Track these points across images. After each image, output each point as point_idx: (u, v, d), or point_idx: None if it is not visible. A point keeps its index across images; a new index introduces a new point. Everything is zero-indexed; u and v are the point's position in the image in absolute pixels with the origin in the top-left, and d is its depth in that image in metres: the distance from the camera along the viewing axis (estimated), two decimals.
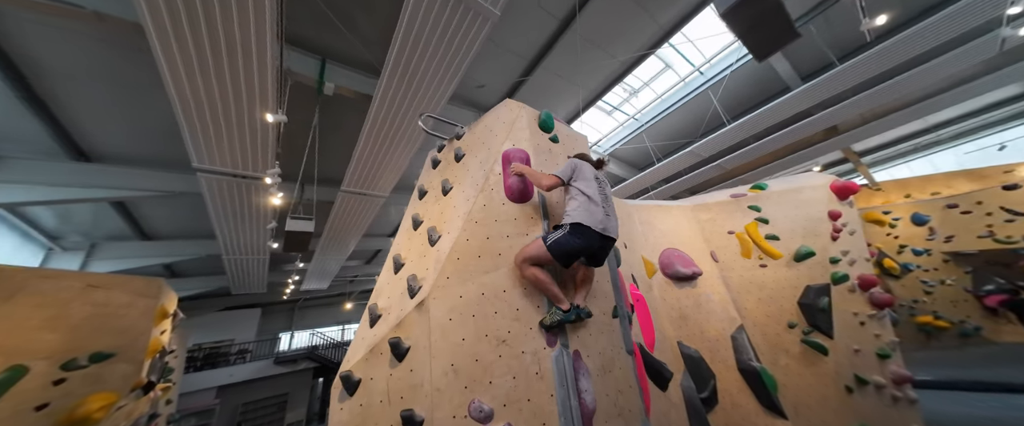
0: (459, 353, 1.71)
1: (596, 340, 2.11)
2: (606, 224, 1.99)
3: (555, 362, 1.82)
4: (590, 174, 2.15)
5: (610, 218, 2.04)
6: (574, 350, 1.94)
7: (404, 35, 3.87)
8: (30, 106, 4.86)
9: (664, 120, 8.58)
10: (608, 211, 2.06)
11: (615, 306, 2.37)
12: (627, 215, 4.49)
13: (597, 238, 1.95)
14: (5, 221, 6.93)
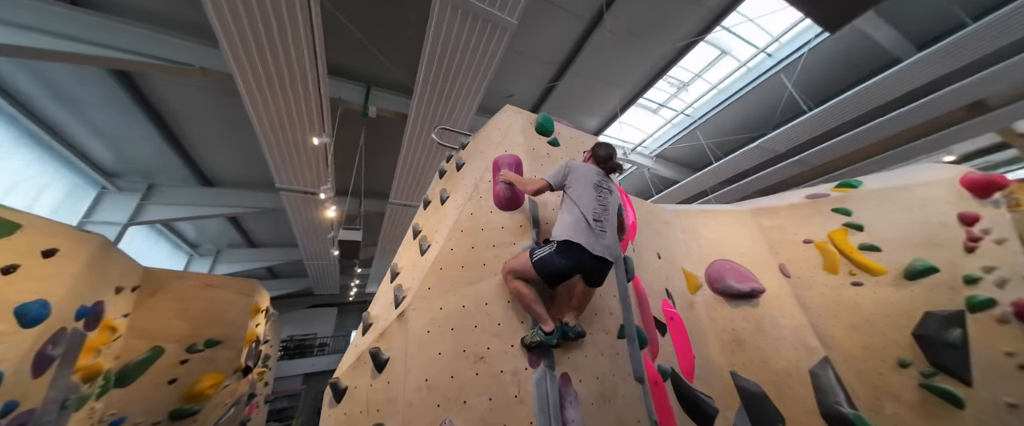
0: (435, 368, 1.64)
1: (594, 363, 1.86)
2: (600, 243, 1.72)
3: (536, 385, 1.64)
4: (590, 180, 1.88)
5: (606, 235, 1.76)
6: (562, 373, 1.73)
7: (430, 53, 4.04)
8: (169, 144, 6.26)
9: (723, 113, 7.58)
10: (605, 226, 1.77)
11: (622, 325, 2.08)
12: (664, 222, 4.02)
13: (588, 259, 1.69)
14: (162, 234, 9.09)
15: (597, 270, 1.75)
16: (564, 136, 2.54)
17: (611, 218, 1.83)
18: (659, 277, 3.40)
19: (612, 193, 1.93)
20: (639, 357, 2.05)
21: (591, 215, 1.76)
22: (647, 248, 3.55)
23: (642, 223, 3.71)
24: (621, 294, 2.19)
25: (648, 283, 3.18)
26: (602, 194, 1.86)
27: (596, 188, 1.87)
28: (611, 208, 1.86)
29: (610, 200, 1.88)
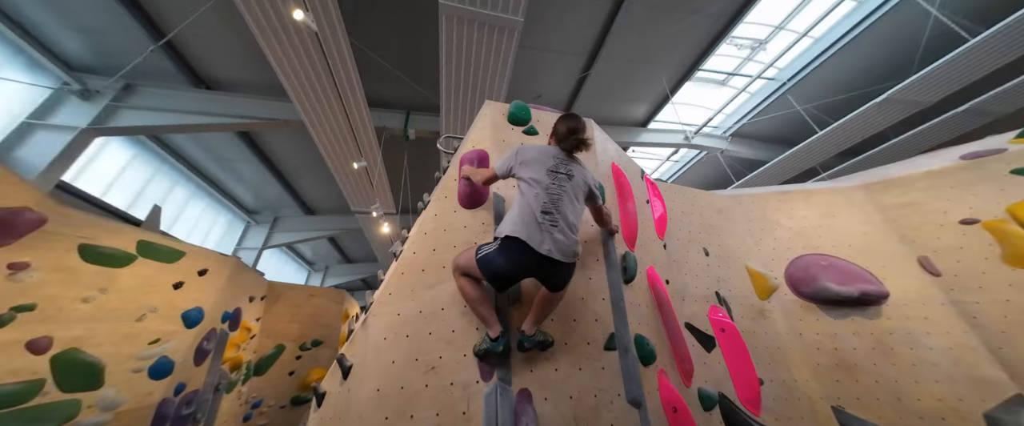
0: (387, 377, 1.55)
1: (568, 379, 1.53)
2: (549, 239, 1.41)
3: (486, 401, 1.41)
4: (542, 164, 1.59)
5: (558, 229, 1.44)
6: (521, 389, 1.46)
7: (447, 68, 4.17)
8: (276, 177, 7.85)
9: (826, 67, 5.93)
10: (558, 219, 1.46)
11: (612, 334, 1.67)
12: (717, 211, 3.28)
13: (533, 260, 1.41)
14: (288, 255, 11.55)
15: (548, 271, 1.46)
16: (545, 123, 2.26)
17: (569, 209, 1.51)
18: (705, 278, 2.75)
19: (573, 178, 1.60)
20: (635, 374, 1.62)
21: (540, 206, 1.47)
22: (687, 243, 2.92)
23: (679, 214, 3.08)
24: (613, 297, 1.78)
25: (684, 286, 2.59)
26: (557, 180, 1.55)
27: (550, 174, 1.56)
28: (569, 197, 1.54)
29: (568, 187, 1.56)
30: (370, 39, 4.54)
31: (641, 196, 2.68)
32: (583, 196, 1.62)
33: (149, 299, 3.76)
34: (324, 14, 3.53)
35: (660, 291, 2.21)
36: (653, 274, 2.29)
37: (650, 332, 1.89)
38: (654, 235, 2.64)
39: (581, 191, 1.61)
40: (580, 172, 1.65)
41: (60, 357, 2.82)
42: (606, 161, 2.37)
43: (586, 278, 1.79)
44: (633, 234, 2.21)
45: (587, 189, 1.64)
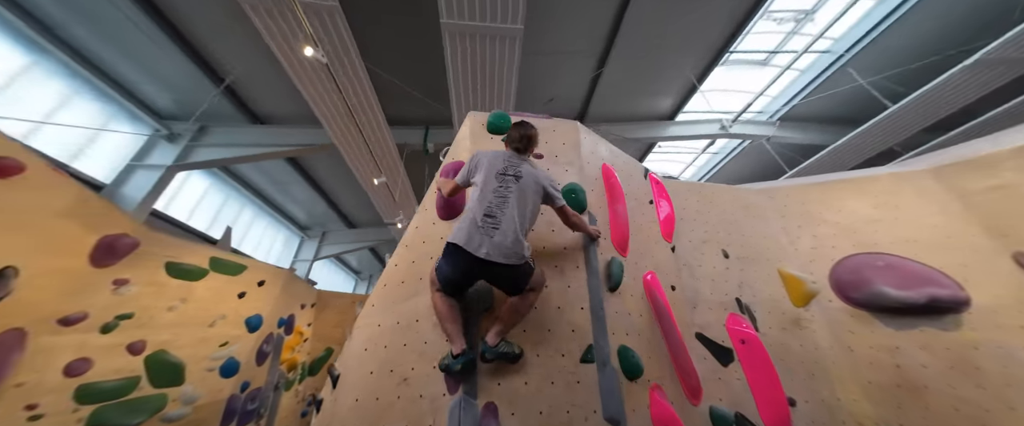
0: (364, 388, 1.60)
1: (538, 393, 1.45)
2: (487, 242, 1.40)
3: (449, 415, 1.39)
4: (493, 168, 1.61)
5: (500, 231, 1.42)
6: (487, 403, 1.42)
7: (454, 82, 4.29)
8: (321, 196, 8.65)
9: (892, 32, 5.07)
10: (500, 222, 1.44)
11: (590, 346, 1.56)
12: (743, 207, 2.96)
13: (473, 263, 1.40)
14: (336, 265, 12.67)
15: (493, 274, 1.44)
16: None
17: (515, 210, 1.47)
18: (723, 284, 2.48)
19: (521, 179, 1.56)
20: (616, 389, 1.49)
21: (483, 210, 1.47)
22: (701, 245, 2.66)
23: (693, 213, 2.82)
24: (592, 306, 1.66)
25: (696, 292, 2.35)
26: (504, 183, 1.54)
27: (498, 176, 1.56)
28: (517, 198, 1.51)
29: (514, 188, 1.53)
30: (385, 63, 4.85)
31: (642, 196, 2.50)
32: (537, 196, 1.58)
33: (219, 307, 4.31)
34: (340, 45, 3.84)
35: (659, 299, 2.02)
36: (653, 280, 2.11)
37: (641, 343, 1.74)
38: (658, 237, 2.44)
39: (532, 191, 1.57)
40: (531, 172, 1.61)
41: (152, 358, 3.35)
42: (595, 163, 2.25)
43: (564, 286, 1.71)
44: (624, 238, 2.06)
45: (541, 189, 1.60)
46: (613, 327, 1.68)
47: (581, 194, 1.93)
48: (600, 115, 6.76)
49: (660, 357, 1.85)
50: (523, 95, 5.80)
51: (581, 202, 1.90)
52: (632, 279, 1.97)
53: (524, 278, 1.47)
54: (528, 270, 1.48)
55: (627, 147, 8.01)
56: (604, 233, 1.95)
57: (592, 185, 2.08)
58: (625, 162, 2.55)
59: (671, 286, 2.30)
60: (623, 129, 7.14)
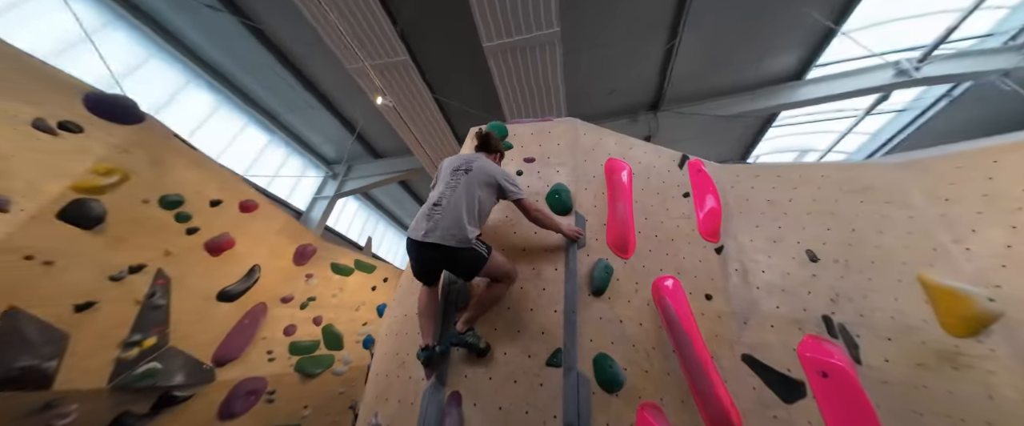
0: (381, 365, 1.91)
1: (500, 389, 1.47)
2: (427, 226, 1.51)
3: (423, 397, 1.55)
4: (450, 167, 1.73)
5: (442, 217, 1.51)
6: (453, 392, 1.52)
7: (504, 96, 4.56)
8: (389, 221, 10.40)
9: None
10: (445, 209, 1.53)
11: (557, 350, 1.47)
12: (853, 191, 2.29)
13: (418, 248, 1.54)
14: None
15: (444, 258, 1.53)
16: (520, 135, 2.18)
17: (462, 199, 1.54)
18: (802, 295, 1.90)
19: (470, 171, 1.63)
20: (579, 398, 1.35)
21: (432, 200, 1.59)
22: (770, 244, 2.09)
23: (759, 203, 2.26)
24: (566, 308, 1.54)
25: (750, 303, 1.89)
26: (456, 177, 1.63)
27: (453, 173, 1.66)
28: (466, 188, 1.58)
29: (463, 179, 1.61)
30: (450, 87, 5.47)
31: (671, 190, 2.16)
32: (489, 188, 1.63)
33: (360, 297, 5.61)
34: (413, 90, 4.61)
35: (672, 308, 1.71)
36: (670, 287, 1.81)
37: (633, 355, 1.52)
38: (693, 236, 2.06)
39: (481, 181, 1.62)
40: (482, 166, 1.67)
41: (326, 328, 4.70)
42: (596, 160, 2.08)
43: (540, 288, 1.66)
44: (624, 238, 1.83)
45: (492, 180, 1.64)
46: (593, 333, 1.55)
47: (564, 195, 1.84)
48: (684, 95, 5.90)
49: (664, 375, 1.58)
50: (579, 93, 5.61)
51: (564, 203, 1.82)
52: (634, 283, 1.75)
53: (474, 263, 1.53)
54: (475, 256, 1.52)
55: (729, 128, 6.69)
56: (599, 233, 1.80)
57: (588, 183, 1.95)
58: (647, 153, 2.25)
59: (706, 295, 1.91)
60: (719, 106, 6.03)
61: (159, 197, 3.19)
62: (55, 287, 2.59)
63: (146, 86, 5.57)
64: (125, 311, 3.01)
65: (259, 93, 6.95)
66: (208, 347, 3.59)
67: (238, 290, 3.79)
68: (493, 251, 1.58)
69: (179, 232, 3.30)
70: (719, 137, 7.03)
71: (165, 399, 3.33)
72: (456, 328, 1.59)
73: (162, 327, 3.27)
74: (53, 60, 5.13)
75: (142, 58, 5.59)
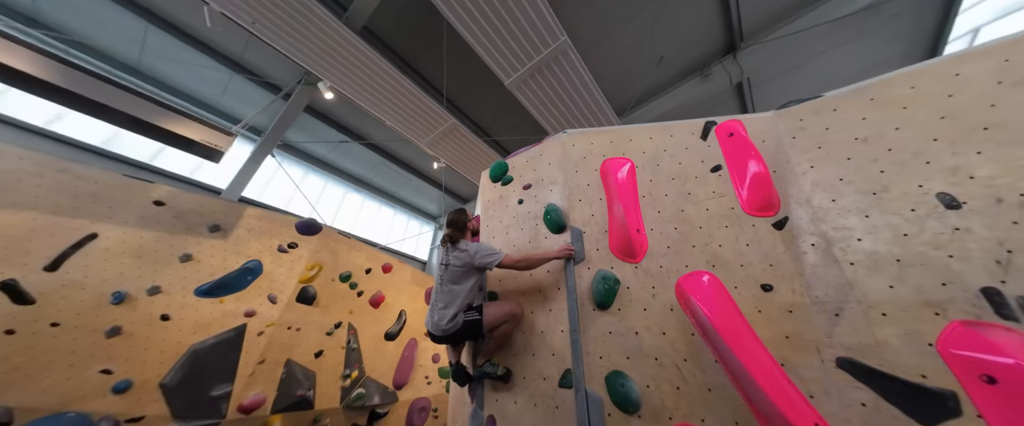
0: (454, 395, 2.25)
1: (523, 412, 1.55)
2: (430, 321, 1.80)
3: (471, 419, 1.77)
4: (439, 261, 1.95)
5: (434, 312, 1.80)
6: (489, 414, 1.68)
7: (541, 116, 4.66)
8: None
9: None
10: (435, 306, 1.81)
11: (567, 371, 1.44)
12: (1018, 82, 1.44)
13: (431, 336, 1.84)
14: None
15: (451, 339, 1.77)
16: (517, 166, 2.22)
17: (444, 294, 1.78)
18: (944, 263, 1.28)
19: (449, 267, 1.83)
20: (591, 419, 1.28)
21: (433, 298, 1.86)
22: (869, 198, 1.48)
23: (841, 145, 1.65)
24: (570, 325, 1.49)
25: (846, 286, 1.41)
26: (440, 274, 1.85)
27: (439, 268, 1.89)
28: (447, 283, 1.81)
29: (445, 275, 1.83)
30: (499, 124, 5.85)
31: (692, 170, 1.81)
32: (468, 273, 1.80)
33: None
34: (461, 140, 5.26)
35: (701, 310, 1.40)
36: (699, 285, 1.50)
37: (656, 370, 1.34)
38: (730, 217, 1.65)
39: (460, 273, 1.80)
40: (458, 257, 1.84)
41: None
42: (589, 166, 1.95)
43: (547, 310, 1.68)
44: (627, 242, 1.63)
45: (469, 266, 1.79)
46: (603, 350, 1.47)
47: (555, 214, 1.81)
48: (770, 16, 4.52)
49: (703, 391, 1.32)
50: (626, 77, 5.05)
51: (556, 222, 1.79)
52: (650, 289, 1.56)
53: (473, 331, 1.73)
54: (471, 326, 1.72)
55: (875, 26, 4.63)
56: (601, 242, 1.70)
57: (582, 195, 1.86)
58: (652, 137, 1.95)
59: (762, 286, 1.49)
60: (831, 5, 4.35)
61: (339, 275, 4.65)
62: (303, 344, 4.08)
63: (326, 202, 8.60)
64: (338, 354, 4.43)
65: (380, 183, 9.58)
66: (388, 375, 4.84)
67: (396, 331, 5.01)
68: (486, 308, 1.77)
69: (353, 296, 4.70)
70: (865, 43, 4.82)
71: (373, 415, 4.64)
72: (477, 362, 1.80)
73: (359, 363, 4.63)
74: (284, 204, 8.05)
75: (321, 187, 8.66)
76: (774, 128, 1.82)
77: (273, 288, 3.99)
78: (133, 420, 2.80)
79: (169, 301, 3.28)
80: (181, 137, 4.34)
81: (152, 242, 3.37)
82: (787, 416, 1.20)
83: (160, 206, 3.54)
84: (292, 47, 3.83)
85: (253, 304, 3.72)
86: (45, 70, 3.86)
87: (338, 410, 4.29)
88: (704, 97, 5.46)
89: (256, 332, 3.65)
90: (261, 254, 3.98)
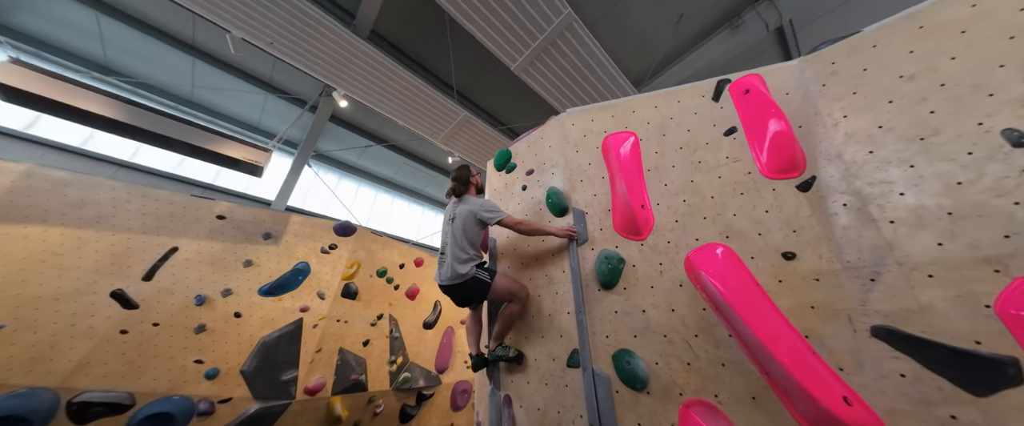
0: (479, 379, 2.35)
1: (535, 391, 1.59)
2: (439, 273, 1.83)
3: (489, 399, 1.85)
4: (445, 217, 1.98)
5: (444, 263, 1.81)
6: (505, 394, 1.75)
7: (553, 99, 4.52)
8: None
9: None
10: (445, 257, 1.82)
11: (574, 351, 1.45)
12: None
13: (441, 288, 1.85)
14: None
15: (457, 291, 1.77)
16: (520, 152, 2.17)
17: (452, 245, 1.79)
18: (1008, 211, 1.10)
19: (454, 220, 1.84)
20: (598, 396, 1.28)
21: (440, 249, 1.89)
22: (915, 144, 1.29)
23: (884, 83, 1.42)
24: (576, 307, 1.47)
25: (883, 247, 1.28)
26: (446, 227, 1.88)
27: (445, 224, 1.91)
28: (454, 235, 1.82)
29: (450, 229, 1.85)
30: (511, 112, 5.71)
31: (703, 135, 1.67)
32: (473, 225, 1.81)
33: None
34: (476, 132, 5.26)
35: (712, 283, 1.31)
36: (711, 257, 1.41)
37: (665, 347, 1.30)
38: (751, 181, 1.51)
39: (465, 224, 1.81)
40: (464, 209, 1.86)
41: None
42: (590, 144, 1.86)
43: (553, 292, 1.67)
44: (631, 219, 1.56)
45: (472, 217, 1.81)
46: (609, 329, 1.45)
47: (557, 197, 1.77)
48: None
49: (716, 366, 1.26)
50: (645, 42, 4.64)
51: (558, 205, 1.75)
52: (657, 266, 1.49)
53: (479, 290, 1.74)
54: (479, 284, 1.74)
55: None
56: (604, 222, 1.66)
57: (583, 175, 1.80)
58: (658, 106, 1.82)
59: (783, 254, 1.36)
60: None
61: (376, 271, 4.99)
62: (351, 334, 4.47)
63: (360, 204, 9.12)
64: (383, 343, 4.80)
65: (406, 182, 9.94)
66: (430, 361, 5.17)
67: (432, 320, 5.30)
68: (496, 276, 1.79)
69: (391, 290, 5.03)
70: None
71: (420, 396, 5.01)
72: (489, 347, 1.86)
73: (403, 350, 4.99)
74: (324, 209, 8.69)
75: (354, 190, 9.26)
76: (799, 78, 1.62)
77: (321, 286, 4.38)
78: (223, 401, 3.28)
79: (239, 301, 3.75)
80: (228, 157, 4.85)
81: (220, 251, 3.84)
82: (809, 389, 1.11)
83: (222, 220, 4.01)
84: (307, 61, 4.06)
85: (306, 301, 4.14)
86: (120, 113, 4.49)
87: (389, 392, 4.68)
88: (736, 51, 4.91)
89: (311, 325, 4.06)
90: (308, 256, 4.38)
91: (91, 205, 3.10)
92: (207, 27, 5.04)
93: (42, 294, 2.59)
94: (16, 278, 2.58)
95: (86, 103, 3.98)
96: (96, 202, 3.14)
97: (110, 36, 5.28)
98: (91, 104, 4.07)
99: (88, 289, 2.78)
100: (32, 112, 4.64)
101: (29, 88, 3.76)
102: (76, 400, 2.41)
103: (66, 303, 2.65)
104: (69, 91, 4.05)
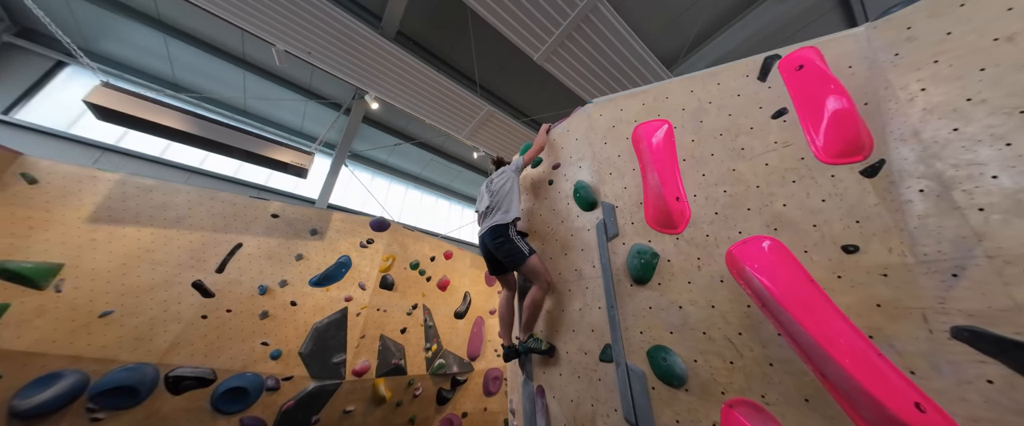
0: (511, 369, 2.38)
1: (567, 384, 1.58)
2: (482, 225, 1.94)
3: (523, 388, 1.87)
4: (487, 185, 2.09)
5: (486, 217, 1.93)
6: (538, 385, 1.75)
7: (580, 88, 4.37)
8: None
9: None
10: (492, 209, 1.93)
11: (607, 345, 1.41)
12: None
13: (482, 242, 1.96)
14: None
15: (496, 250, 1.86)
16: (550, 147, 2.15)
17: (494, 205, 1.91)
18: None
19: (493, 183, 2.00)
20: (633, 392, 1.24)
21: (485, 206, 2.02)
22: (1014, 117, 1.09)
23: (940, 70, 1.22)
24: (607, 302, 1.42)
25: (969, 237, 1.13)
26: (490, 189, 2.00)
27: (487, 188, 2.05)
28: (494, 199, 1.94)
29: (487, 195, 1.98)
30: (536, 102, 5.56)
31: (746, 119, 1.52)
32: (511, 181, 1.96)
33: None
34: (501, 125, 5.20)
35: (757, 279, 1.21)
36: (757, 252, 1.30)
37: (705, 344, 1.23)
38: (805, 167, 1.36)
39: (505, 187, 1.95)
40: (500, 172, 2.04)
41: None
42: (619, 135, 1.76)
43: (584, 287, 1.63)
44: (665, 212, 1.47)
45: (512, 179, 1.97)
46: (643, 325, 1.39)
47: (585, 191, 1.70)
48: None
49: (763, 366, 1.17)
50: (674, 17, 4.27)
51: (586, 199, 1.69)
52: (695, 260, 1.41)
53: (513, 255, 1.79)
54: (515, 248, 1.78)
55: None
56: (635, 215, 1.58)
57: (612, 167, 1.72)
58: (694, 90, 1.68)
59: (844, 247, 1.22)
60: None
61: (409, 263, 5.20)
62: (390, 323, 4.72)
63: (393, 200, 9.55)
64: (419, 331, 5.03)
65: (433, 177, 10.23)
66: (462, 348, 5.34)
67: (463, 310, 5.46)
68: (534, 255, 1.81)
69: (423, 281, 5.23)
70: None
71: (454, 381, 5.22)
72: (519, 338, 1.86)
73: (437, 338, 5.20)
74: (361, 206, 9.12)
75: (387, 187, 9.73)
76: (866, 48, 1.42)
77: (361, 278, 4.65)
78: (286, 378, 3.64)
79: (294, 291, 4.10)
80: (277, 161, 5.24)
81: (276, 246, 4.21)
82: (874, 393, 1.00)
83: (276, 218, 4.37)
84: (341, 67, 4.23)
85: (349, 291, 4.42)
86: (193, 126, 5.00)
87: (426, 376, 4.92)
88: (786, 18, 4.39)
89: (355, 313, 4.35)
90: (349, 250, 4.66)
91: (172, 208, 3.52)
92: (254, 42, 5.42)
93: (140, 284, 3.01)
94: (119, 271, 3.01)
95: (165, 119, 4.48)
96: (175, 205, 3.55)
97: (176, 55, 5.86)
98: (169, 120, 4.56)
99: (175, 280, 3.18)
100: (121, 128, 5.30)
101: (119, 108, 4.29)
102: (172, 374, 2.79)
103: (159, 292, 3.06)
104: (151, 109, 4.58)
